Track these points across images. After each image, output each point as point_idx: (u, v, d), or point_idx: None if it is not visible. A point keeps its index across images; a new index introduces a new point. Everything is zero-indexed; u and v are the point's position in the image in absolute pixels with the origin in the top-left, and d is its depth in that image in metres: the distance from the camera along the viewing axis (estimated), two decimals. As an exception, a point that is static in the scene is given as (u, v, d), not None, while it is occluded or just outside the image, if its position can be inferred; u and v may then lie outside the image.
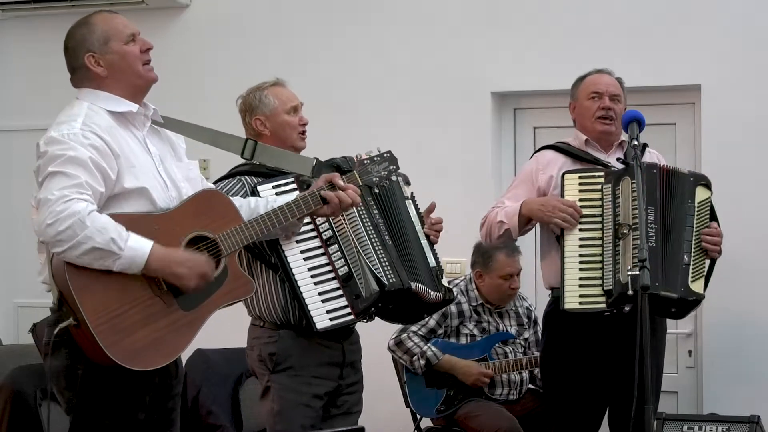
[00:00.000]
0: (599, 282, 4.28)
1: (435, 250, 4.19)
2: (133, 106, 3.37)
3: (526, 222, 4.48)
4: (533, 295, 6.16)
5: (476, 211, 6.07)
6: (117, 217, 3.18)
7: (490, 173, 6.23)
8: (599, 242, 4.31)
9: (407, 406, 5.69)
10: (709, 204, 4.43)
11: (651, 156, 4.63)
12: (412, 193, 4.20)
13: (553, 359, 4.54)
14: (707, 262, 4.39)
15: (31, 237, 3.24)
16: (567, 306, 4.30)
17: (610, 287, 4.23)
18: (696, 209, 4.37)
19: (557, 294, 4.38)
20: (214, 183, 4.02)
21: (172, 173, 3.43)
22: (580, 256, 4.32)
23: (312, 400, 4.01)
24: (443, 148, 6.18)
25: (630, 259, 4.15)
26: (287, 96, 4.19)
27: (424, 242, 4.14)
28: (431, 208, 4.23)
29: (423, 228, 4.17)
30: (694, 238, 4.34)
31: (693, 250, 4.32)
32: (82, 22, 3.41)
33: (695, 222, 4.36)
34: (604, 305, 4.26)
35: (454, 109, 6.25)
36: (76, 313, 3.12)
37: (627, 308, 4.20)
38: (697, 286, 4.30)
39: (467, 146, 6.21)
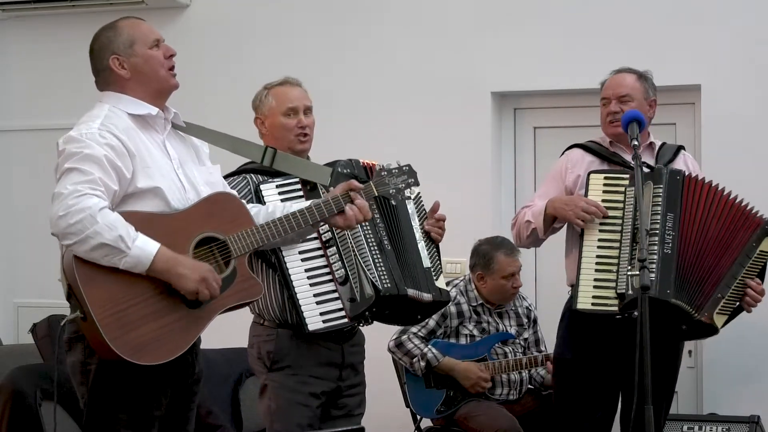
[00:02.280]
0: (613, 284, 4.27)
1: (434, 250, 4.18)
2: (153, 109, 3.44)
3: (551, 221, 4.49)
4: (533, 295, 6.16)
5: (476, 211, 6.11)
6: (129, 215, 3.23)
7: (490, 173, 6.23)
8: (617, 244, 4.31)
9: (407, 406, 5.69)
10: (766, 258, 4.40)
11: (685, 159, 4.63)
12: (418, 193, 4.20)
13: (569, 356, 4.52)
14: (736, 301, 4.37)
15: (31, 237, 3.27)
16: (579, 306, 4.30)
17: (624, 291, 4.23)
18: (756, 253, 4.35)
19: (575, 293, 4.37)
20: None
21: (191, 176, 3.47)
22: (598, 257, 4.32)
23: (309, 398, 4.01)
24: (443, 148, 6.17)
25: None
26: (287, 97, 4.15)
27: (421, 243, 4.12)
28: (435, 208, 4.21)
29: (423, 226, 4.16)
30: (739, 279, 4.32)
31: (733, 288, 4.32)
32: (108, 26, 3.48)
33: (748, 263, 4.34)
34: (615, 308, 4.25)
35: (454, 109, 6.24)
36: (82, 305, 3.17)
37: (636, 313, 4.19)
38: (719, 320, 4.31)
39: (467, 146, 6.21)
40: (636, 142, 4.28)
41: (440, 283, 4.17)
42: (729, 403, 5.65)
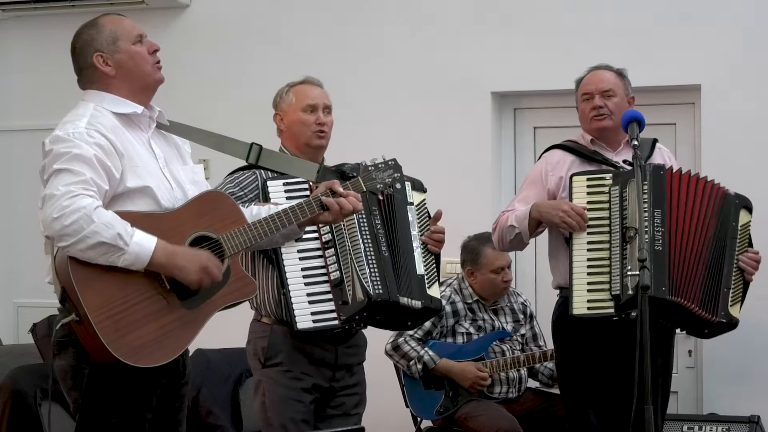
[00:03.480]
0: (607, 286, 4.25)
1: (432, 258, 4.17)
2: (138, 108, 3.38)
3: (536, 225, 4.44)
4: (533, 294, 6.16)
5: (476, 211, 6.11)
6: (121, 216, 3.18)
7: (490, 173, 6.24)
8: (607, 246, 4.28)
9: (407, 406, 5.69)
10: (749, 228, 4.41)
11: (661, 152, 4.61)
12: (423, 201, 4.19)
13: (568, 362, 4.49)
14: (742, 284, 4.38)
15: (31, 237, 3.24)
16: (575, 311, 4.26)
17: (618, 292, 4.20)
18: (738, 232, 4.35)
19: (566, 294, 4.35)
20: (231, 174, 4.06)
21: (177, 175, 3.43)
22: (588, 260, 4.29)
23: (301, 394, 4.01)
24: (443, 148, 6.17)
25: (636, 263, 4.13)
26: (307, 94, 4.19)
27: (417, 249, 4.12)
28: (437, 217, 4.22)
29: (422, 235, 4.15)
30: (734, 261, 4.33)
31: (734, 274, 4.32)
32: (89, 24, 3.42)
33: (737, 245, 4.34)
34: (612, 310, 4.23)
35: (454, 109, 6.24)
36: (78, 308, 3.13)
37: (633, 314, 4.17)
38: (734, 311, 4.31)
39: (467, 146, 6.21)
40: (636, 142, 4.25)
41: (433, 291, 4.15)
42: (729, 403, 5.65)
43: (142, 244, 3.16)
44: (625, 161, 4.42)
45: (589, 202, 4.34)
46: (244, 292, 3.41)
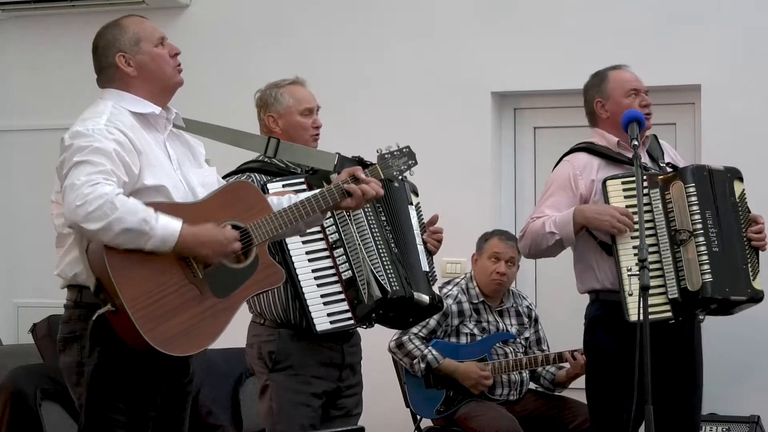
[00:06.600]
0: (662, 290, 4.21)
1: (430, 257, 4.18)
2: (156, 108, 3.42)
3: (579, 231, 4.34)
4: (533, 294, 6.16)
5: (476, 211, 6.11)
6: (151, 206, 3.22)
7: (490, 173, 6.24)
8: (655, 248, 4.24)
9: (407, 406, 5.69)
10: (745, 196, 4.41)
11: (665, 147, 4.60)
12: (418, 203, 4.21)
13: (602, 364, 4.41)
14: (756, 255, 4.37)
15: (31, 237, 3.24)
16: (633, 318, 4.04)
17: (675, 295, 4.18)
18: (738, 205, 4.35)
19: (606, 297, 4.31)
20: (222, 178, 4.05)
21: (188, 177, 3.46)
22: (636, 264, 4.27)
23: (311, 399, 4.01)
24: (443, 148, 6.17)
25: (696, 266, 4.14)
26: (303, 96, 4.19)
27: (420, 247, 4.14)
28: (433, 221, 4.24)
29: (422, 234, 4.16)
30: (743, 235, 4.32)
31: (747, 248, 4.32)
32: (112, 24, 3.46)
33: (740, 218, 4.34)
34: (669, 314, 4.20)
35: (454, 109, 6.25)
36: (114, 299, 3.15)
37: (702, 316, 4.18)
38: (758, 284, 4.30)
39: (467, 146, 6.21)
40: (636, 142, 4.25)
41: (435, 288, 4.17)
42: (729, 403, 5.65)
43: (168, 227, 3.19)
44: (669, 164, 4.41)
45: (627, 206, 4.26)
46: (272, 280, 3.45)
